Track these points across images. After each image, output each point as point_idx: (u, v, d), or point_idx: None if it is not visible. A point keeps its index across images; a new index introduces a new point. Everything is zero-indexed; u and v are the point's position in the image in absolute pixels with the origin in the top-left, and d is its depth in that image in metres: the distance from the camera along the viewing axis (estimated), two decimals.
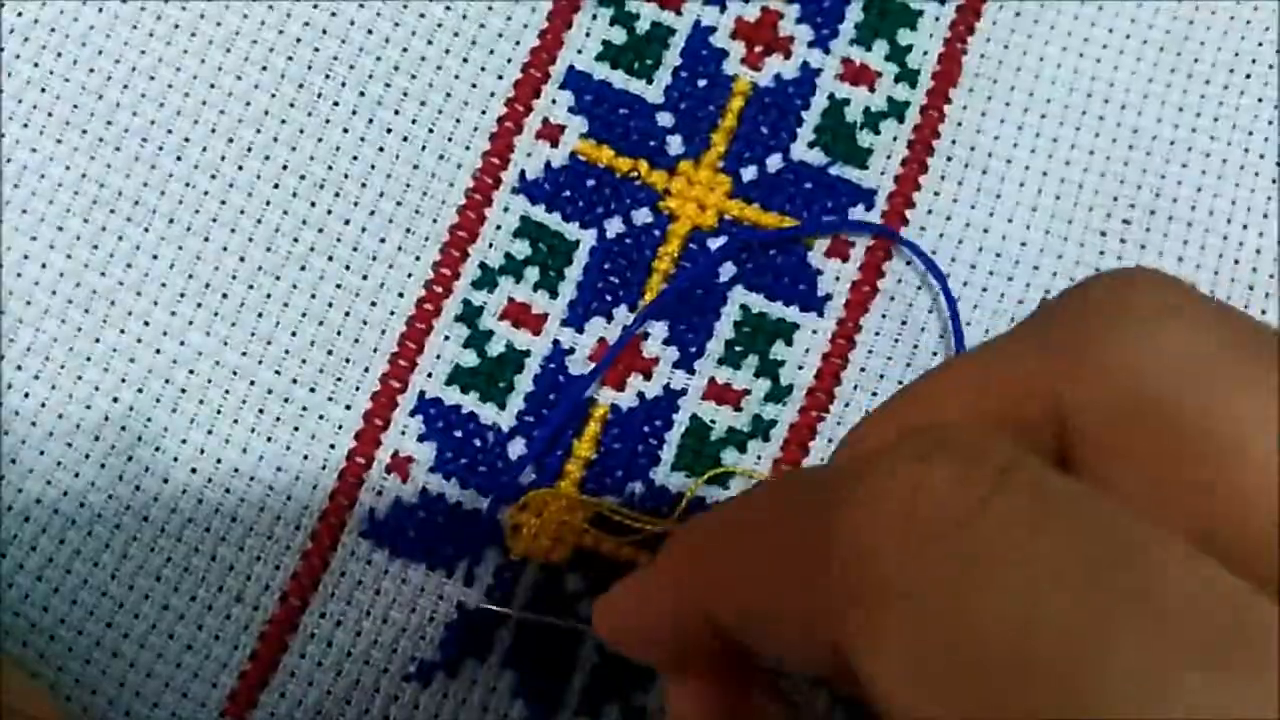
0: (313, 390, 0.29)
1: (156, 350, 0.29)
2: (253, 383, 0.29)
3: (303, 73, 0.31)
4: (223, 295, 0.30)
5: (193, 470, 0.29)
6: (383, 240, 0.30)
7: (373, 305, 0.30)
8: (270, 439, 0.29)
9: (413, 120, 0.31)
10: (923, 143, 0.31)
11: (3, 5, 0.30)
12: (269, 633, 0.28)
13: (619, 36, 0.31)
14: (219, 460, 0.29)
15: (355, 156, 0.30)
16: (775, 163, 0.31)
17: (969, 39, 0.32)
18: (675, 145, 0.31)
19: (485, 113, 0.31)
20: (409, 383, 0.30)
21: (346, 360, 0.30)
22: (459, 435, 0.29)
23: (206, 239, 0.30)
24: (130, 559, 0.29)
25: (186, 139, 0.30)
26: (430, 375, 0.30)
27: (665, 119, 0.31)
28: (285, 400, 0.29)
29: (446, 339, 0.30)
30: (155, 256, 0.30)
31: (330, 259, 0.30)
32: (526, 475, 0.29)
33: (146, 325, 0.29)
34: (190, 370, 0.29)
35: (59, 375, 0.29)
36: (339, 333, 0.30)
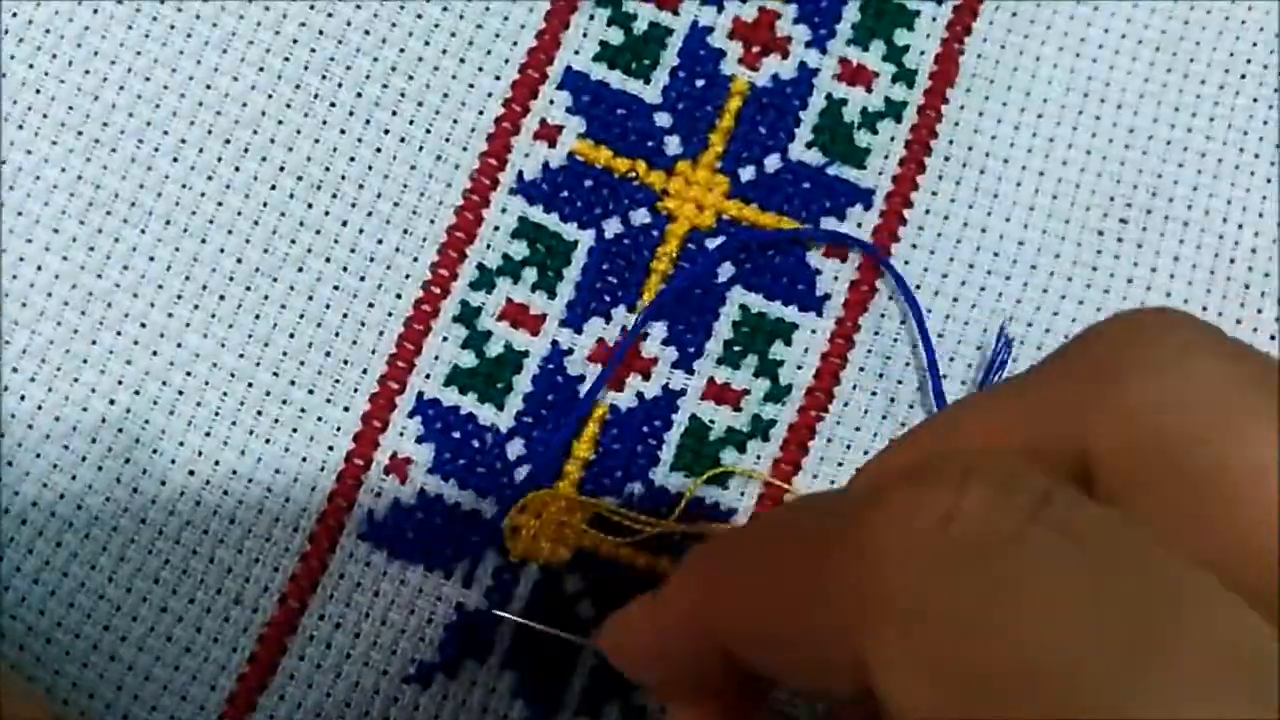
0: (310, 392, 0.29)
1: (153, 352, 0.29)
2: (250, 384, 0.29)
3: (299, 73, 0.31)
4: (219, 297, 0.30)
5: (190, 472, 0.29)
6: (380, 241, 0.30)
7: (370, 306, 0.30)
8: (268, 441, 0.29)
9: (410, 121, 0.31)
10: (920, 142, 0.31)
11: None
12: (267, 635, 0.28)
13: (616, 37, 0.31)
14: (216, 462, 0.29)
15: (352, 157, 0.30)
16: (773, 163, 0.31)
17: (966, 39, 0.32)
18: (673, 145, 0.31)
19: (483, 113, 0.31)
20: (407, 384, 0.30)
21: (344, 361, 0.30)
22: (457, 436, 0.29)
23: (203, 240, 0.30)
24: (127, 561, 0.28)
25: (183, 140, 0.30)
26: (428, 376, 0.30)
27: (663, 119, 0.31)
28: (283, 402, 0.29)
29: (445, 340, 0.30)
30: (151, 258, 0.30)
31: (327, 260, 0.30)
32: (524, 476, 0.29)
33: (143, 327, 0.29)
34: (187, 372, 0.29)
35: (55, 377, 0.29)
36: (336, 334, 0.30)
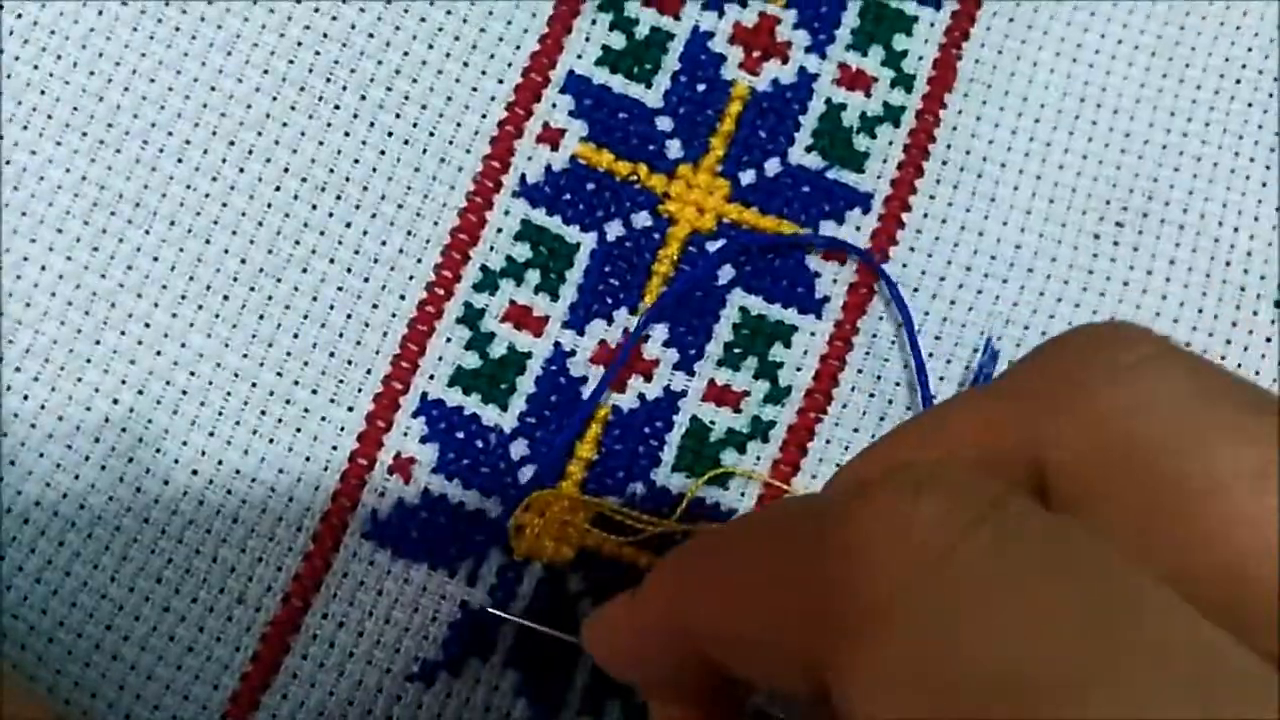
0: (314, 392, 0.30)
1: (157, 352, 0.29)
2: (254, 385, 0.29)
3: (303, 76, 0.31)
4: (223, 297, 0.30)
5: (193, 472, 0.29)
6: (384, 243, 0.30)
7: (374, 307, 0.30)
8: (272, 441, 0.29)
9: (413, 124, 0.31)
10: (918, 147, 0.31)
11: (2, 7, 0.30)
12: (271, 634, 0.28)
13: (618, 41, 0.31)
14: (220, 462, 0.29)
15: (356, 160, 0.31)
16: (773, 166, 0.31)
17: (963, 44, 0.32)
18: (674, 149, 0.31)
19: (486, 117, 0.31)
20: (411, 384, 0.30)
21: (348, 362, 0.30)
22: (461, 436, 0.29)
23: (207, 241, 0.30)
24: (130, 561, 0.28)
25: (187, 141, 0.30)
26: (432, 377, 0.30)
27: (664, 123, 0.31)
28: (286, 402, 0.29)
29: (448, 341, 0.30)
30: (155, 259, 0.30)
31: (331, 261, 0.30)
32: (527, 476, 0.29)
33: (147, 327, 0.29)
34: (191, 372, 0.29)
35: (59, 377, 0.29)
36: (340, 335, 0.30)
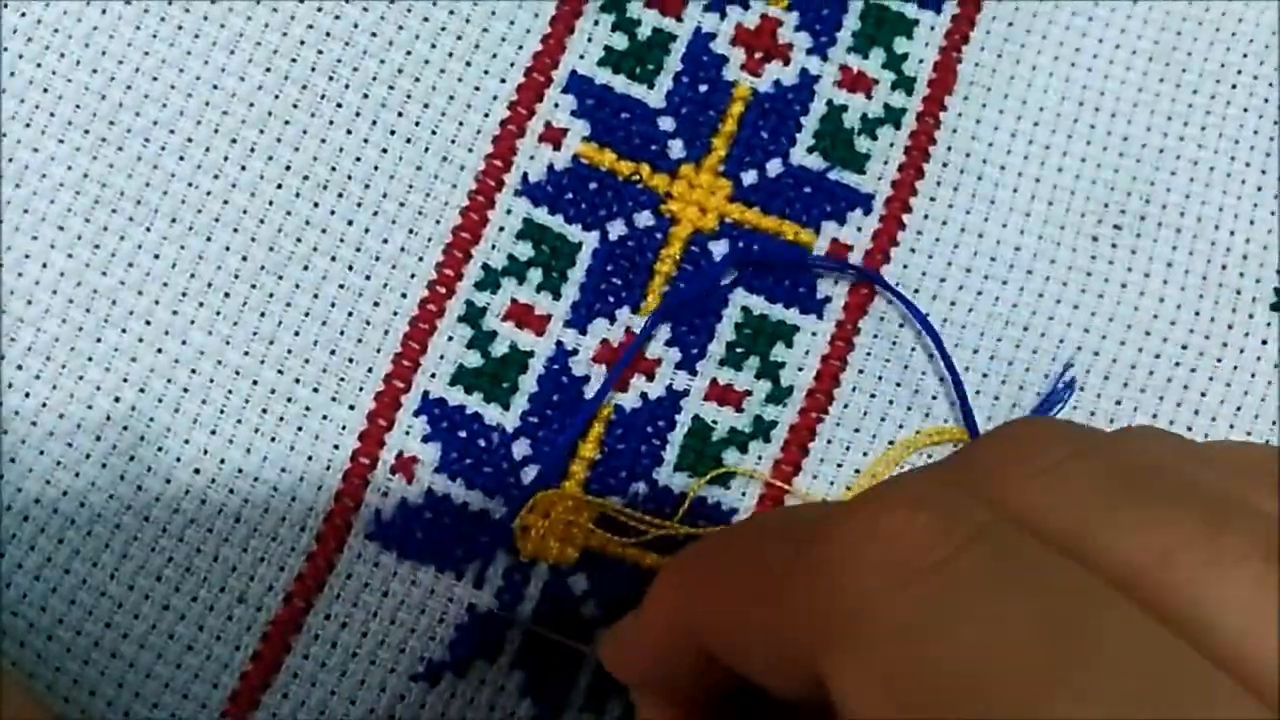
0: (316, 390, 0.29)
1: (158, 350, 0.29)
2: (255, 383, 0.29)
3: (306, 75, 0.31)
4: (225, 295, 0.30)
5: (195, 471, 0.29)
6: (385, 241, 0.30)
7: (376, 305, 0.30)
8: (274, 439, 0.29)
9: (416, 122, 0.31)
10: (919, 148, 0.32)
11: (5, 5, 0.30)
12: (272, 634, 0.28)
13: (621, 42, 0.32)
14: (222, 461, 0.29)
15: (358, 158, 0.31)
16: (775, 167, 0.31)
17: (964, 47, 0.32)
18: (676, 149, 0.31)
19: (488, 116, 0.31)
20: (413, 383, 0.30)
21: (350, 360, 0.30)
22: (463, 436, 0.29)
23: (209, 239, 0.30)
24: (130, 559, 0.28)
25: (189, 140, 0.30)
26: (434, 376, 0.30)
27: (666, 123, 0.31)
28: (288, 400, 0.29)
29: (450, 339, 0.30)
30: (157, 256, 0.30)
31: (333, 259, 0.30)
32: (530, 476, 0.29)
33: (148, 325, 0.29)
34: (192, 370, 0.29)
35: (60, 375, 0.29)
36: (342, 332, 0.30)
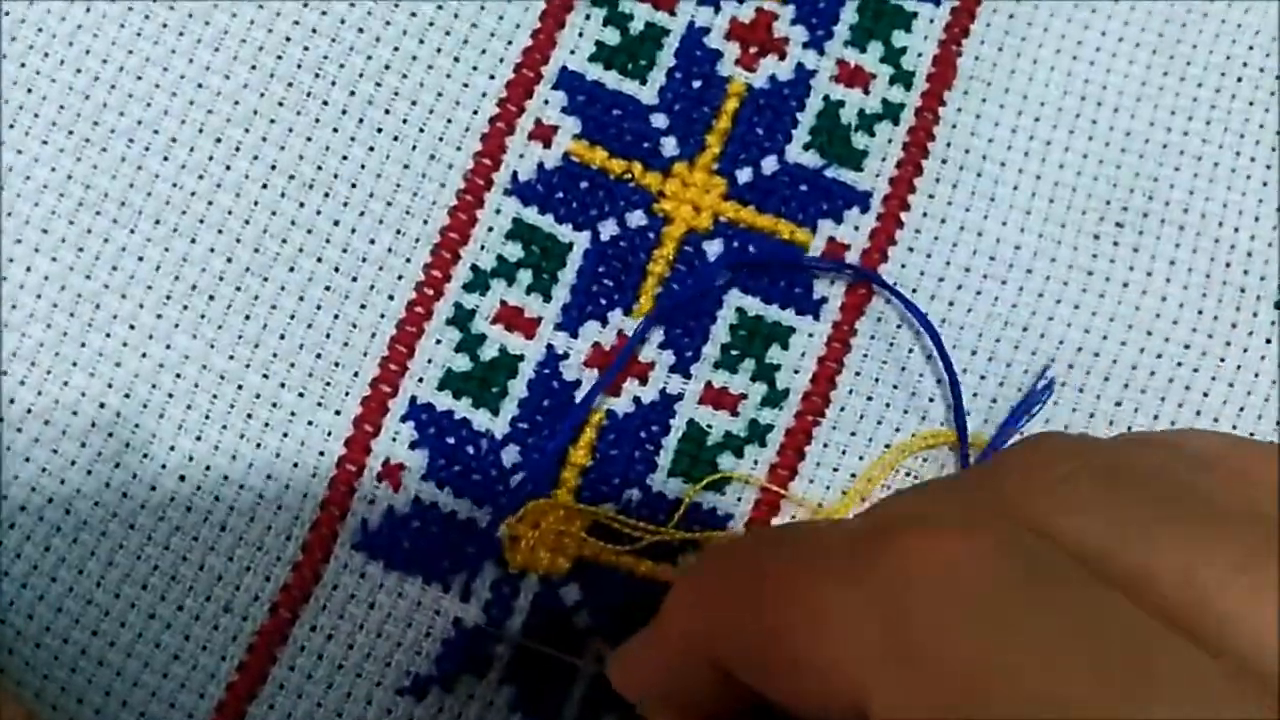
0: (301, 395, 0.29)
1: (143, 354, 0.29)
2: (240, 387, 0.29)
3: (292, 72, 0.30)
4: (210, 298, 0.29)
5: (181, 478, 0.28)
6: (372, 241, 0.30)
7: (362, 308, 0.29)
8: (259, 445, 0.29)
9: (403, 120, 0.30)
10: (917, 145, 0.31)
11: None
12: (258, 644, 0.28)
13: (612, 37, 0.31)
14: (207, 467, 0.29)
15: (345, 156, 0.30)
16: (770, 164, 0.31)
17: (963, 41, 0.32)
18: (670, 147, 0.30)
19: (477, 113, 0.30)
20: (399, 387, 0.29)
21: (335, 364, 0.29)
22: (451, 442, 0.29)
23: (193, 240, 0.29)
24: (117, 567, 0.28)
25: (174, 139, 0.30)
26: (421, 380, 0.29)
27: (659, 120, 0.31)
28: (273, 405, 0.29)
29: (438, 343, 0.29)
30: (141, 258, 0.29)
31: (319, 260, 0.30)
32: (520, 483, 0.29)
33: (132, 329, 0.29)
34: (177, 375, 0.29)
35: (44, 380, 0.29)
36: (327, 335, 0.29)
